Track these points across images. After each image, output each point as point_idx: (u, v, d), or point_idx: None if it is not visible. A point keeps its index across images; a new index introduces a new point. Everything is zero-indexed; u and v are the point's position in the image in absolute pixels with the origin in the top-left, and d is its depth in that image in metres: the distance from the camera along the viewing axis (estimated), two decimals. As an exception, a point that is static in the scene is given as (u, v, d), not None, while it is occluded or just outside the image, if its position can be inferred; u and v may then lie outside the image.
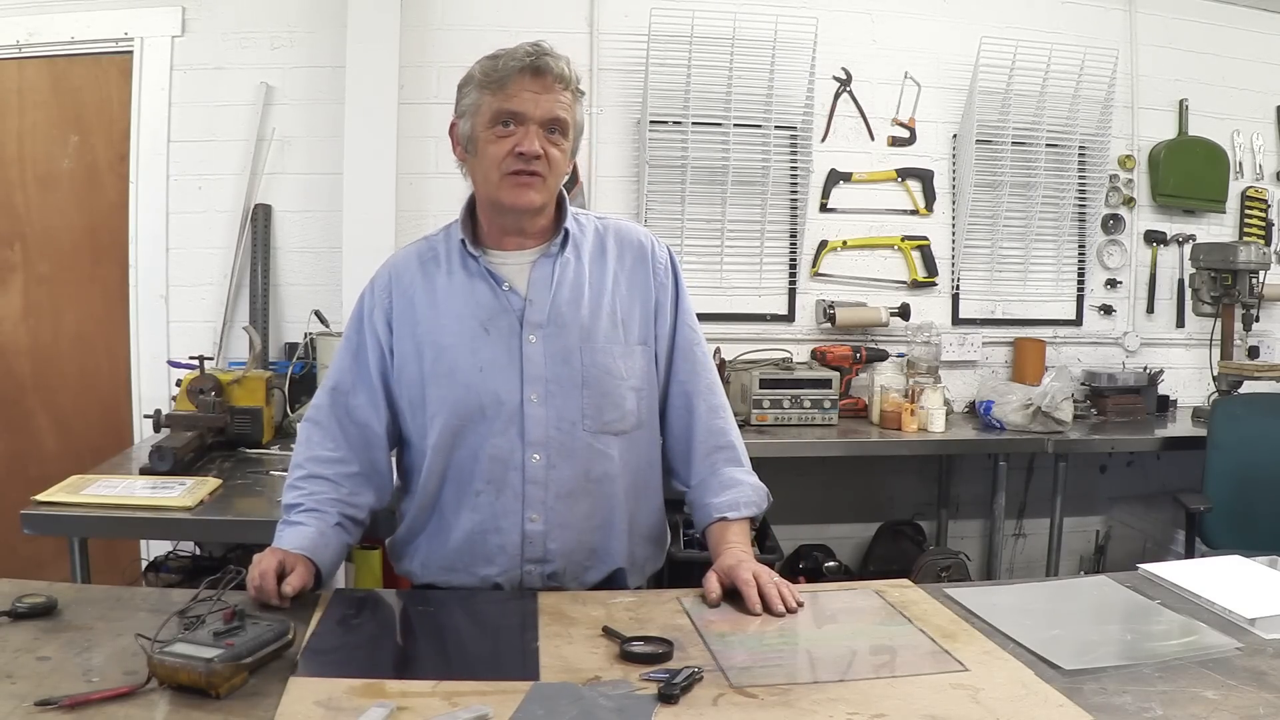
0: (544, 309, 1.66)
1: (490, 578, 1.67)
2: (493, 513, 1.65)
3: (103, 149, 3.58)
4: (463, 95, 1.66)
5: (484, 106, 1.61)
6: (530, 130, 1.60)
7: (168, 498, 2.31)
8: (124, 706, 1.14)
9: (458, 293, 1.68)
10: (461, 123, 1.66)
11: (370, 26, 3.42)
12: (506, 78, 1.59)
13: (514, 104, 1.60)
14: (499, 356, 1.64)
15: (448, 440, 1.65)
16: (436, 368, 1.65)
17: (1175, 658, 1.35)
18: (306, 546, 1.58)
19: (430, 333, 1.66)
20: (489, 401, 1.63)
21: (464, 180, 1.75)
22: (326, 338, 3.27)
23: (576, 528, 1.67)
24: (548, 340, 1.65)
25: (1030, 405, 3.43)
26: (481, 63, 1.63)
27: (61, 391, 3.62)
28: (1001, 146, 3.88)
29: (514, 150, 1.60)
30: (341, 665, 1.32)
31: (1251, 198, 4.13)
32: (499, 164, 1.61)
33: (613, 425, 1.67)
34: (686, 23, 3.60)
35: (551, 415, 1.64)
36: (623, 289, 1.72)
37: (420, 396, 1.67)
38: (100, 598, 1.49)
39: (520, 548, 1.65)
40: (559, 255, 1.70)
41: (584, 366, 1.65)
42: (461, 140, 1.67)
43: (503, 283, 1.67)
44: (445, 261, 1.71)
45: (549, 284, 1.67)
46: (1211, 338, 3.93)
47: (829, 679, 1.27)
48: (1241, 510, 3.18)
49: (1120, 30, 3.99)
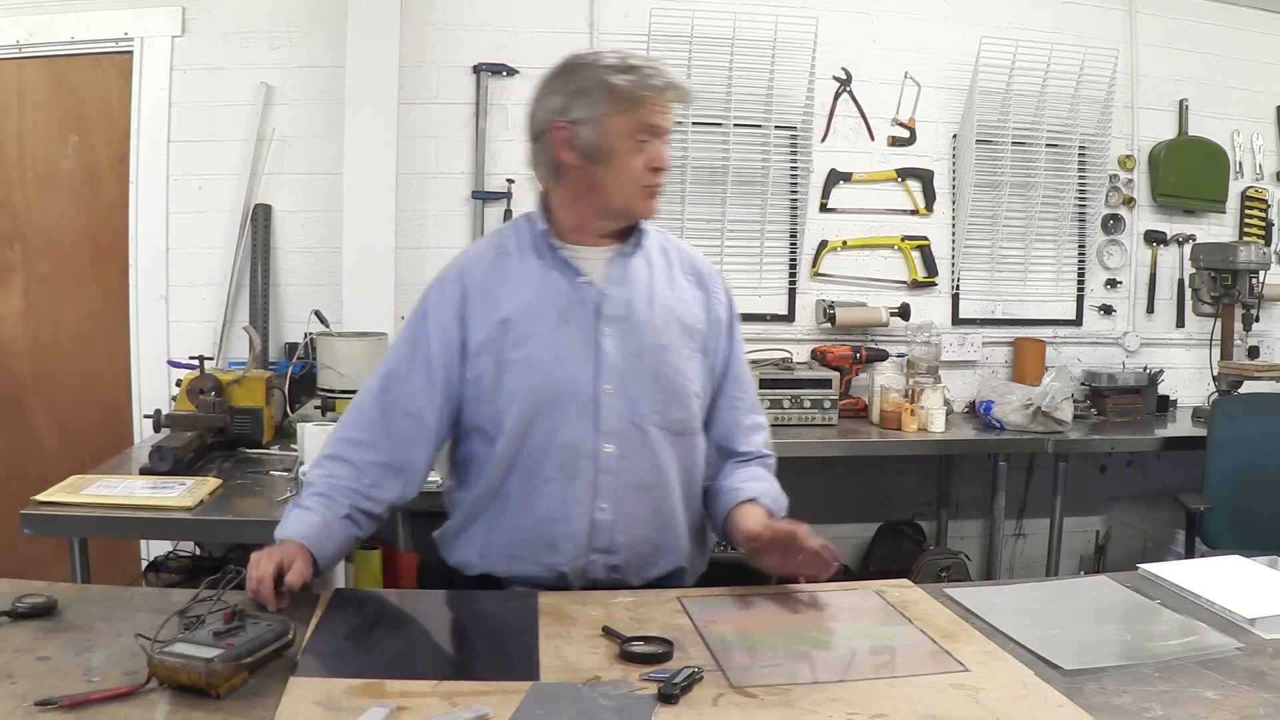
0: (620, 303, 1.68)
1: (555, 566, 1.67)
2: (562, 500, 1.65)
3: (103, 149, 3.58)
4: (580, 101, 1.64)
5: (619, 119, 1.63)
6: (662, 145, 1.66)
7: (168, 498, 2.31)
8: (124, 706, 1.14)
9: (535, 282, 1.69)
10: (582, 130, 1.64)
11: (370, 26, 3.42)
12: (650, 93, 1.63)
13: (656, 119, 1.64)
14: (576, 346, 1.66)
15: (521, 427, 1.65)
16: (514, 354, 1.65)
17: (1175, 658, 1.35)
18: (308, 535, 1.57)
19: (508, 320, 1.66)
20: (566, 389, 1.64)
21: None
22: (326, 338, 3.26)
23: (643, 521, 1.69)
24: (622, 334, 1.67)
25: (1030, 405, 3.43)
26: (610, 73, 1.63)
27: (61, 391, 3.62)
28: (1001, 146, 3.88)
29: (651, 165, 1.65)
30: (341, 665, 1.32)
31: (1251, 198, 4.13)
32: (639, 177, 1.65)
33: (676, 424, 1.71)
34: (686, 23, 3.60)
35: (625, 407, 1.66)
36: (686, 299, 1.75)
37: (495, 384, 1.66)
38: (100, 598, 1.49)
39: (588, 537, 1.66)
40: (634, 255, 1.73)
41: (656, 364, 1.68)
42: (582, 148, 1.65)
43: (580, 275, 1.69)
44: (519, 252, 1.72)
45: (624, 281, 1.70)
46: (1211, 338, 3.93)
47: (829, 679, 1.27)
48: (1241, 510, 3.18)
49: (1120, 30, 3.99)
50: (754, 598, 1.61)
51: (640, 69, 1.63)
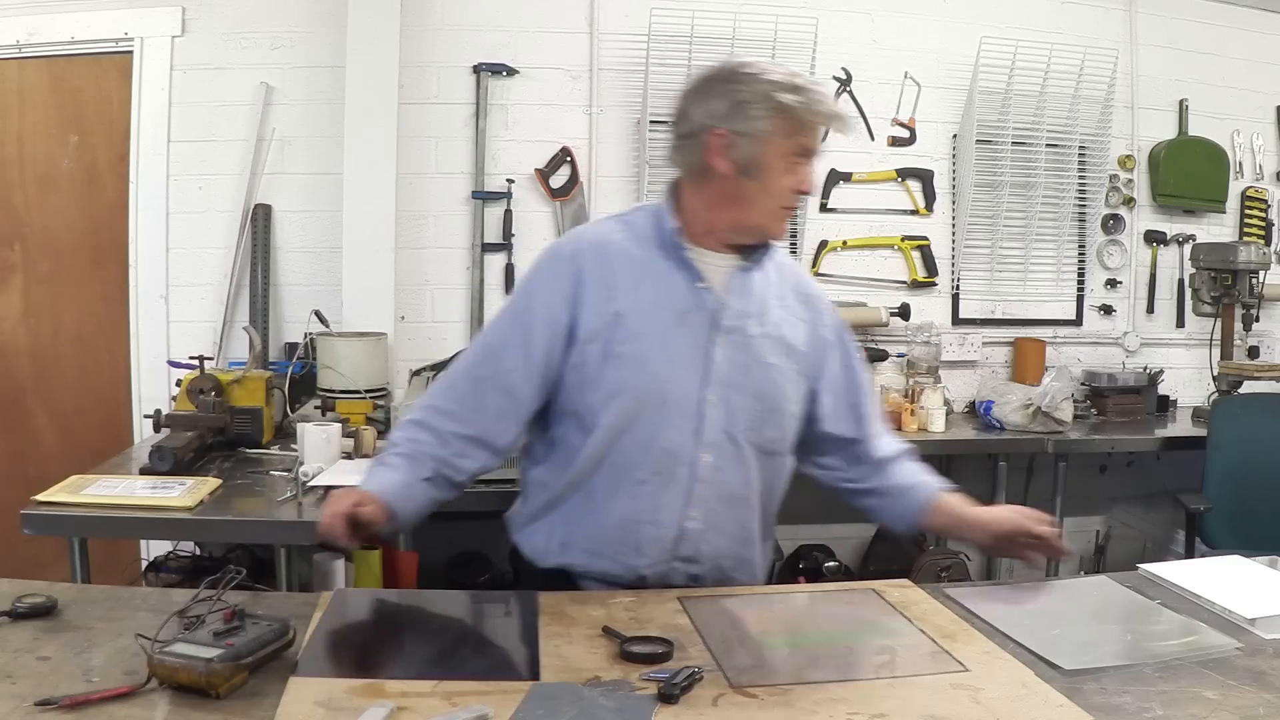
0: (736, 315, 1.67)
1: (637, 568, 1.66)
2: (653, 504, 1.64)
3: (103, 149, 3.58)
4: (746, 114, 1.61)
5: (782, 138, 1.61)
6: (810, 169, 1.66)
7: (168, 498, 2.31)
8: (124, 706, 1.14)
9: (655, 278, 1.67)
10: (745, 143, 1.61)
11: (370, 26, 3.42)
12: (815, 117, 1.63)
13: (814, 143, 1.65)
14: (687, 351, 1.64)
15: (621, 423, 1.63)
16: (625, 349, 1.63)
17: (1175, 658, 1.35)
18: (387, 492, 1.56)
19: (623, 313, 1.64)
20: (673, 393, 1.63)
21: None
22: (326, 338, 3.27)
23: (728, 533, 1.69)
24: (734, 346, 1.66)
25: (1030, 405, 3.43)
26: (776, 88, 1.61)
27: (61, 391, 3.62)
28: (1001, 146, 3.88)
29: (798, 187, 1.65)
30: (341, 665, 1.32)
31: (1251, 198, 4.13)
32: (784, 198, 1.65)
33: (768, 443, 1.71)
34: (686, 23, 3.59)
35: (725, 419, 1.65)
36: (793, 319, 1.75)
37: (599, 374, 1.64)
38: (100, 598, 1.49)
39: (674, 544, 1.66)
40: (753, 270, 1.71)
41: (760, 380, 1.68)
42: (737, 159, 1.62)
43: (700, 280, 1.67)
44: (641, 244, 1.69)
45: (742, 293, 1.69)
46: (1211, 338, 3.93)
47: (829, 679, 1.27)
48: (1241, 510, 3.18)
49: (1120, 30, 3.99)
50: (754, 598, 1.61)
51: (807, 91, 1.62)
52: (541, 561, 1.72)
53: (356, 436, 2.83)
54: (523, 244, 3.68)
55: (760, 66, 1.65)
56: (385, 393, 3.24)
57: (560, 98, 3.70)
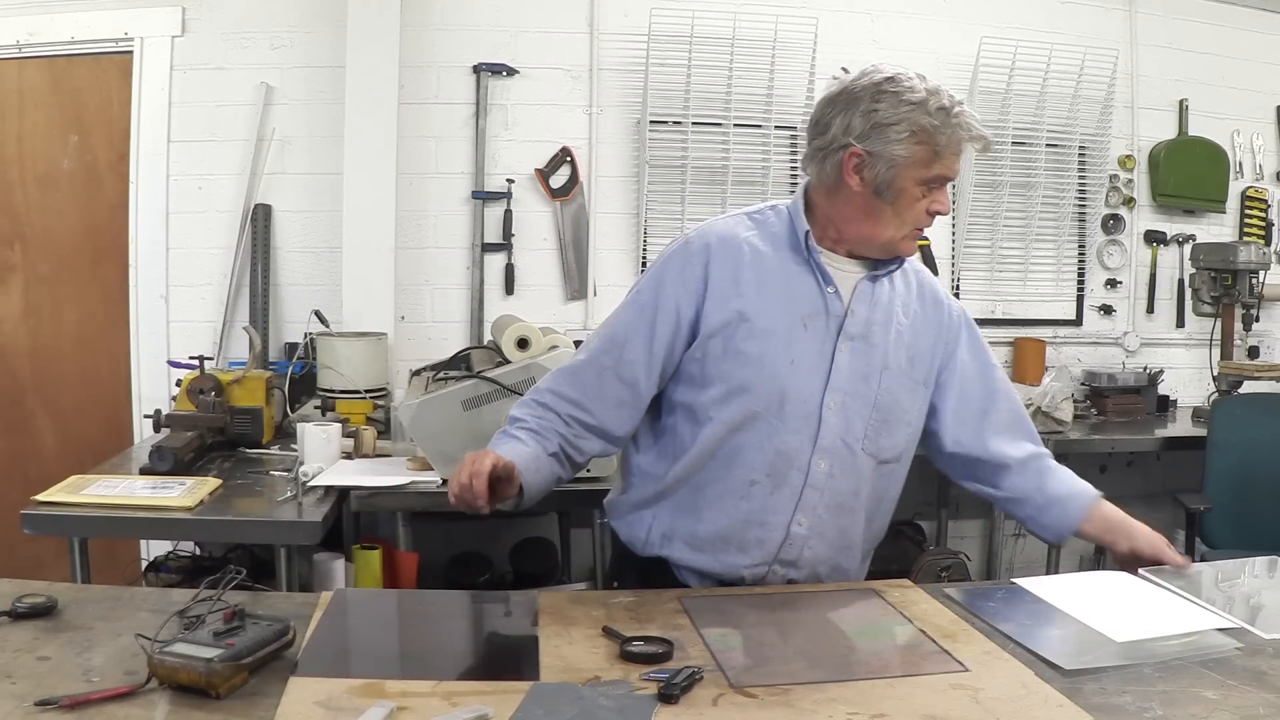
0: (861, 322, 1.66)
1: (738, 568, 1.66)
2: (764, 506, 1.64)
3: (103, 149, 3.58)
4: (884, 134, 1.57)
5: (920, 163, 1.57)
6: (946, 191, 1.63)
7: (168, 498, 2.31)
8: (124, 706, 1.14)
9: (783, 279, 1.65)
10: (882, 165, 1.58)
11: (370, 26, 3.42)
12: (951, 143, 1.58)
13: (950, 173, 1.61)
14: (810, 355, 1.63)
15: (737, 421, 1.62)
16: (748, 347, 1.62)
17: (1175, 658, 1.35)
18: (520, 462, 1.55)
19: (749, 311, 1.63)
20: (793, 396, 1.62)
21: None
22: (326, 338, 3.26)
23: (831, 541, 1.68)
24: (855, 353, 1.65)
25: (1030, 405, 3.43)
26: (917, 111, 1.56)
27: (61, 391, 3.62)
28: (1001, 146, 3.87)
29: (932, 210, 1.62)
30: (341, 665, 1.32)
31: (1251, 198, 4.13)
32: (918, 220, 1.63)
33: (882, 452, 1.69)
34: (686, 23, 3.60)
35: (842, 426, 1.64)
36: (919, 329, 1.73)
37: (719, 369, 1.63)
38: (100, 598, 1.49)
39: (779, 547, 1.65)
40: (882, 278, 1.70)
41: (879, 389, 1.66)
42: (872, 180, 1.59)
43: (830, 284, 1.66)
44: (772, 243, 1.68)
45: (869, 300, 1.68)
46: (1211, 338, 3.93)
47: (829, 679, 1.27)
48: (1241, 510, 3.18)
49: (1120, 30, 3.99)
50: (754, 598, 1.61)
51: (950, 111, 1.57)
52: (641, 550, 1.72)
53: (356, 436, 2.83)
54: (523, 244, 3.68)
55: (906, 84, 1.57)
56: (385, 393, 3.24)
57: (560, 98, 3.70)
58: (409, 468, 2.67)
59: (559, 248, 3.74)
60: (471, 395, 2.44)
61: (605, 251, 3.77)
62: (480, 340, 3.59)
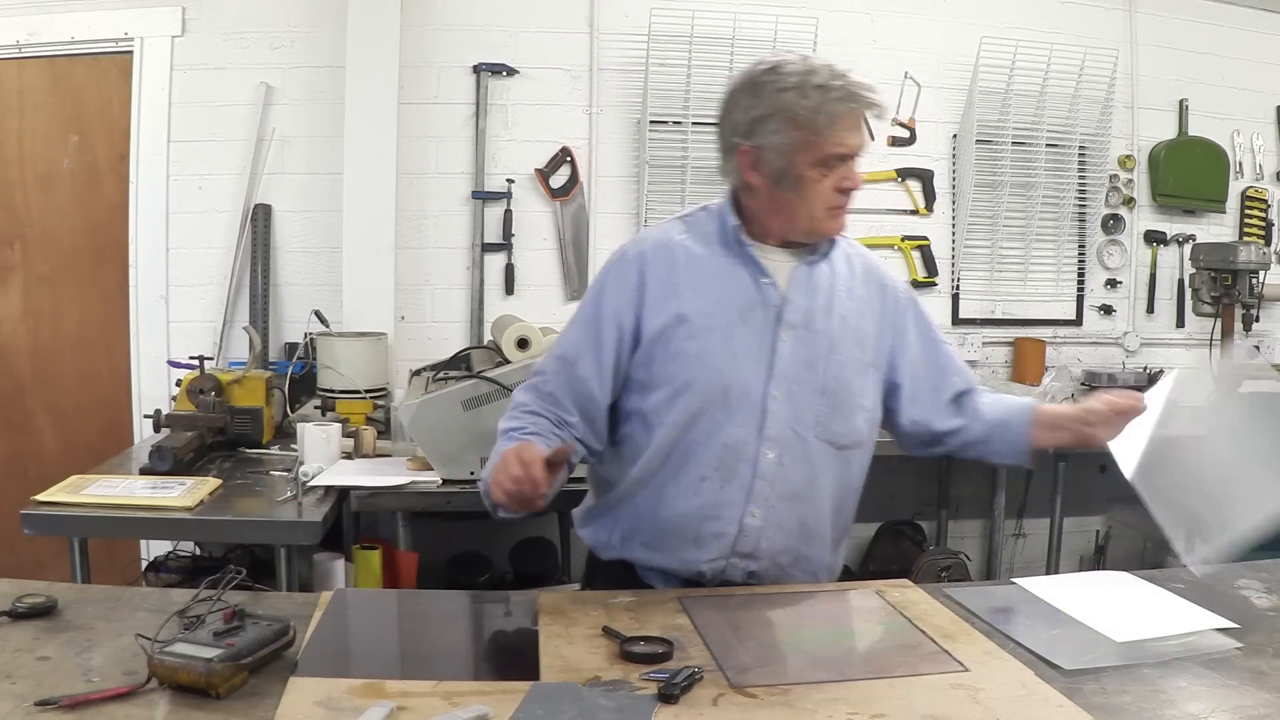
0: (801, 311, 1.67)
1: (695, 564, 1.66)
2: (715, 500, 1.64)
3: (103, 149, 3.58)
4: (764, 127, 1.60)
5: (805, 147, 1.58)
6: (852, 165, 1.62)
7: (168, 498, 2.31)
8: (124, 706, 1.14)
9: (718, 276, 1.67)
10: (771, 157, 1.60)
11: (370, 26, 3.42)
12: (832, 120, 1.57)
13: (843, 149, 1.60)
14: (751, 347, 1.64)
15: (685, 420, 1.63)
16: (688, 346, 1.64)
17: (1175, 658, 1.35)
18: None
19: (687, 310, 1.64)
20: (736, 389, 1.63)
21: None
22: (326, 338, 3.27)
23: (789, 531, 1.68)
24: (798, 341, 1.66)
25: (1030, 405, 3.43)
26: (793, 96, 1.57)
27: (61, 391, 3.62)
28: (1001, 146, 3.88)
29: (839, 187, 1.61)
30: (341, 665, 1.32)
31: (1251, 198, 4.13)
32: (827, 200, 1.62)
33: (839, 438, 1.69)
34: (686, 23, 3.60)
35: (790, 415, 1.65)
36: (864, 311, 1.73)
37: (663, 372, 1.65)
38: (100, 598, 1.49)
39: (734, 540, 1.65)
40: (819, 263, 1.70)
41: (826, 375, 1.67)
42: (768, 172, 1.62)
43: (765, 276, 1.67)
44: (704, 243, 1.70)
45: (806, 288, 1.68)
46: (1211, 338, 3.93)
47: (829, 679, 1.27)
48: (1241, 510, 3.17)
49: (1120, 30, 3.99)
50: (754, 598, 1.61)
51: (827, 88, 1.57)
52: (604, 554, 1.74)
53: (356, 436, 2.83)
54: (523, 244, 3.68)
55: (782, 70, 1.59)
56: (385, 393, 3.24)
57: (560, 98, 3.70)
58: (409, 468, 2.67)
59: (559, 248, 3.74)
60: (471, 395, 2.44)
61: (605, 251, 3.71)
62: (480, 340, 3.59)
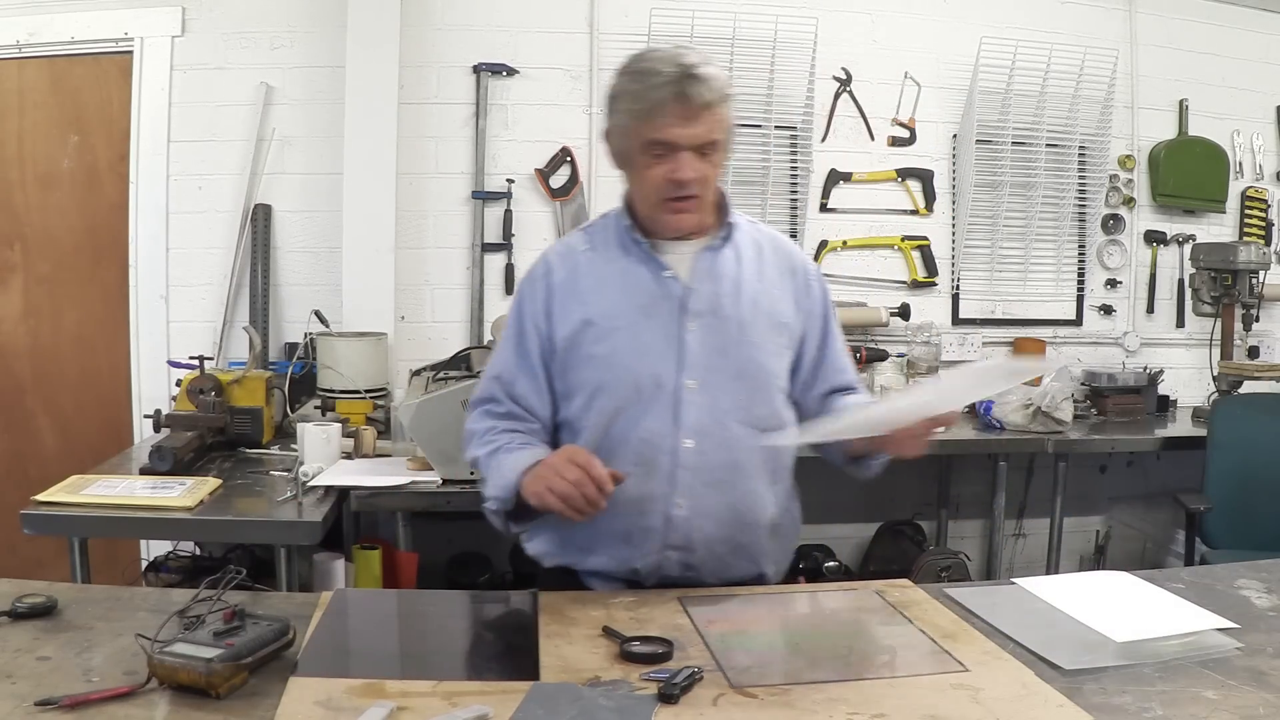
0: (706, 298, 1.67)
1: (629, 561, 1.66)
2: (639, 495, 1.63)
3: (103, 149, 3.58)
4: (612, 110, 1.65)
5: (634, 132, 1.60)
6: (683, 157, 1.59)
7: (168, 498, 2.31)
8: (124, 706, 1.14)
9: (619, 276, 1.68)
10: (616, 139, 1.66)
11: (370, 26, 3.42)
12: (656, 106, 1.57)
13: (664, 135, 1.58)
14: (658, 341, 1.65)
15: (603, 421, 1.64)
16: (597, 349, 1.65)
17: (1175, 658, 1.35)
18: None
19: (592, 315, 1.66)
20: (647, 383, 1.63)
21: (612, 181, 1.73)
22: (326, 338, 3.27)
23: (720, 519, 1.67)
24: (707, 330, 1.66)
25: (1030, 405, 3.43)
26: (628, 80, 1.61)
27: (61, 391, 3.62)
28: (1001, 146, 3.88)
29: (669, 177, 1.60)
30: (341, 665, 1.32)
31: (1251, 198, 4.13)
32: (659, 189, 1.62)
33: (761, 421, 1.68)
34: (686, 23, 3.59)
35: (707, 403, 1.64)
36: (776, 293, 1.73)
37: (579, 379, 1.67)
38: (100, 598, 1.49)
39: (663, 533, 1.65)
40: (721, 249, 1.71)
41: (740, 360, 1.67)
42: (616, 157, 1.68)
43: (665, 269, 1.68)
44: (604, 247, 1.71)
45: (711, 275, 1.68)
46: (1211, 338, 3.93)
47: (829, 679, 1.27)
48: (1241, 510, 3.18)
49: (1120, 30, 3.99)
50: (754, 598, 1.61)
51: (647, 74, 1.57)
52: (545, 562, 1.74)
53: (356, 436, 2.83)
54: (523, 244, 3.68)
55: (640, 55, 1.63)
56: (385, 393, 3.24)
57: (560, 98, 3.70)
58: (409, 468, 2.67)
59: (559, 248, 3.74)
60: (471, 395, 2.44)
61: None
62: (480, 340, 3.59)
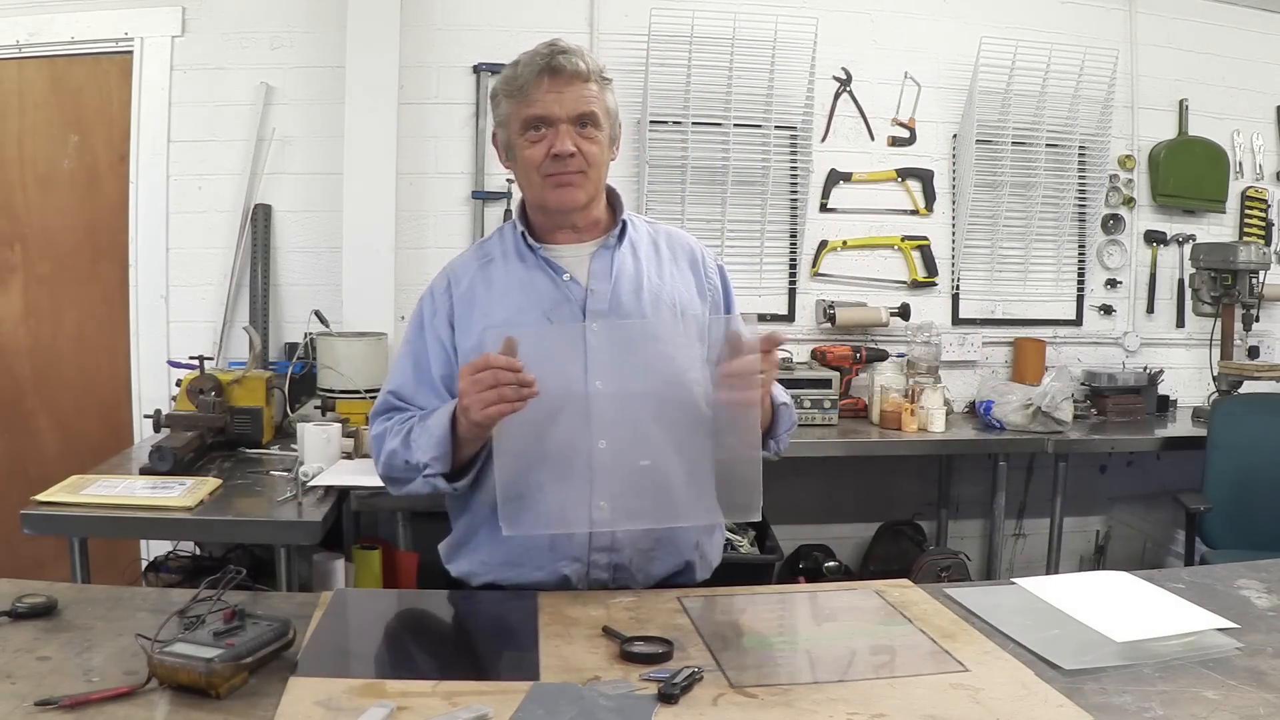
0: (605, 298, 1.67)
1: (557, 569, 1.65)
2: (558, 502, 1.62)
3: (103, 149, 3.58)
4: (495, 106, 1.70)
5: (512, 115, 1.65)
6: (560, 130, 1.62)
7: (168, 498, 2.31)
8: (124, 706, 1.14)
9: (518, 285, 1.69)
10: (500, 132, 1.71)
11: (370, 26, 3.42)
12: (527, 84, 1.62)
13: (538, 109, 1.62)
14: (562, 345, 1.64)
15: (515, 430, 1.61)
16: None
17: (1175, 658, 1.35)
18: None
19: (495, 325, 1.64)
20: (556, 390, 1.61)
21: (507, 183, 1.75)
22: (327, 338, 3.27)
23: (642, 515, 1.65)
24: (609, 329, 1.65)
25: (1030, 405, 3.43)
26: (503, 72, 1.67)
27: (61, 391, 3.62)
28: (1001, 146, 3.88)
29: (549, 153, 1.63)
30: (341, 665, 1.32)
31: (1251, 198, 4.13)
32: (537, 168, 1.64)
33: (675, 413, 1.67)
34: (686, 23, 3.60)
35: (618, 402, 1.63)
36: (679, 285, 1.74)
37: None
38: (100, 598, 1.49)
39: (588, 536, 1.64)
40: (616, 248, 1.72)
41: (647, 355, 1.66)
42: (502, 149, 1.72)
43: (563, 273, 1.68)
44: (502, 258, 1.73)
45: (608, 275, 1.69)
46: (1211, 338, 3.93)
47: (829, 679, 1.27)
48: (1241, 510, 3.18)
49: (1120, 30, 3.99)
50: (754, 598, 1.61)
51: (519, 62, 1.64)
52: (473, 582, 1.71)
53: (356, 436, 2.83)
54: (523, 244, 3.68)
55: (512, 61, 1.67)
56: (385, 393, 3.24)
57: (560, 98, 3.69)
58: (409, 468, 2.66)
59: (559, 248, 3.74)
60: (471, 395, 2.43)
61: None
62: (480, 340, 3.59)
